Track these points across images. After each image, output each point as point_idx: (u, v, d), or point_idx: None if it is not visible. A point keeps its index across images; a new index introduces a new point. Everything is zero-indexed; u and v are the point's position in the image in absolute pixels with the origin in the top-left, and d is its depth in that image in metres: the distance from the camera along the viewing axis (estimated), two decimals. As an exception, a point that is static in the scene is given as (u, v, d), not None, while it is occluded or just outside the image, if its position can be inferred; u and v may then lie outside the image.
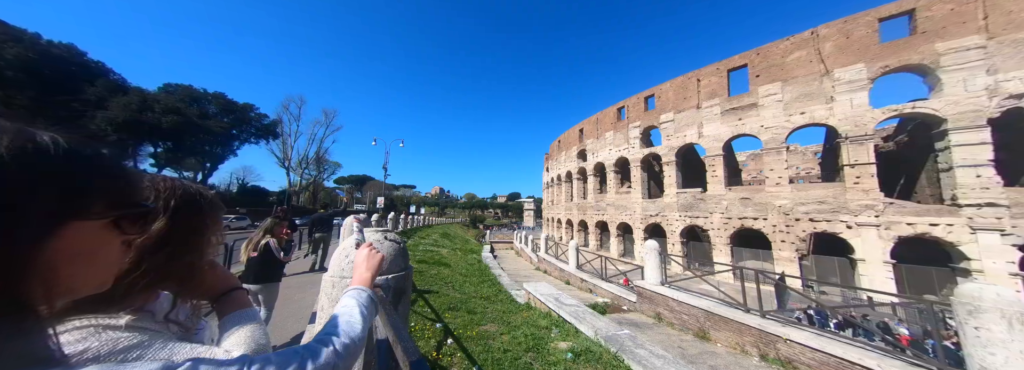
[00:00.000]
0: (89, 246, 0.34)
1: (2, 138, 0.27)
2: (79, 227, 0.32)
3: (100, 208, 0.33)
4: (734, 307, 5.86)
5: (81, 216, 0.32)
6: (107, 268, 0.38)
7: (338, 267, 1.44)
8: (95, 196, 0.33)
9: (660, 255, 7.52)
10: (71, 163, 0.30)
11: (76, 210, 0.31)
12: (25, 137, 0.28)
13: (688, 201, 17.79)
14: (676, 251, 17.87)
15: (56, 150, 0.29)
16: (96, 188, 0.33)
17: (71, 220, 0.31)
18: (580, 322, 5.02)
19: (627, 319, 6.91)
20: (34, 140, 0.29)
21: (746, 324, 5.27)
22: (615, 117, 24.55)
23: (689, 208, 17.67)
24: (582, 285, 11.01)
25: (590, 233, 26.20)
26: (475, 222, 64.59)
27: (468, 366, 3.04)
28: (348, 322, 0.67)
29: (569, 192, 31.91)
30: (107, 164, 0.34)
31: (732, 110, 16.01)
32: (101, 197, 0.33)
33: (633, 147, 22.09)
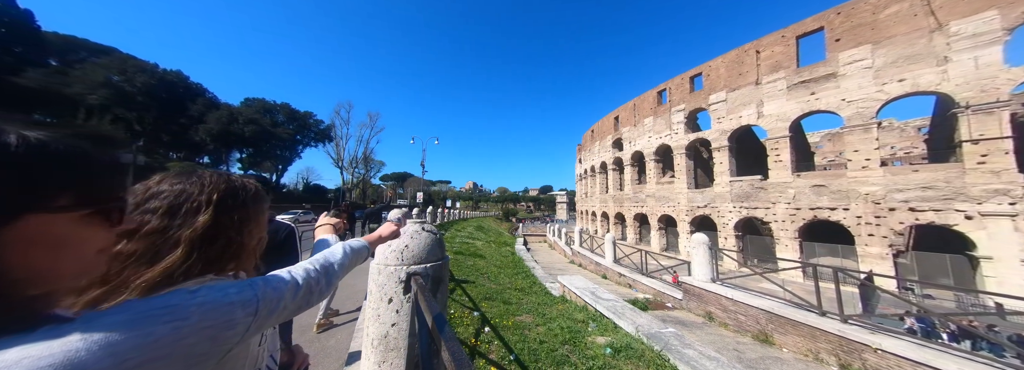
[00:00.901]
0: (57, 237, 0.35)
1: None
2: (41, 219, 0.33)
3: (65, 202, 0.35)
4: (805, 309, 5.27)
5: (40, 209, 0.33)
6: (85, 259, 0.39)
7: (382, 255, 1.51)
8: (56, 191, 0.34)
9: (710, 250, 6.98)
10: (30, 159, 0.31)
11: (33, 203, 0.32)
12: None
13: (744, 190, 15.76)
14: (729, 246, 15.97)
15: (16, 148, 0.31)
16: (58, 183, 0.34)
17: (28, 213, 0.32)
18: (619, 317, 4.88)
19: (672, 317, 6.55)
20: None
21: (821, 329, 4.74)
22: (655, 101, 22.55)
23: (746, 198, 15.64)
24: (620, 280, 10.51)
25: (628, 226, 24.57)
26: (508, 215, 64.66)
27: (505, 354, 3.08)
28: (333, 252, 0.80)
29: (604, 184, 30.25)
30: (80, 162, 0.35)
31: (802, 83, 13.73)
32: (66, 192, 0.34)
33: (676, 133, 20.11)
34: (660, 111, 21.94)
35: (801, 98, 13.77)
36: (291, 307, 0.59)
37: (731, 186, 16.40)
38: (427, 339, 0.93)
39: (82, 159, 0.36)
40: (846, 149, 12.46)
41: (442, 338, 0.73)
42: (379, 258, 1.55)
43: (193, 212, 0.64)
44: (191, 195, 0.66)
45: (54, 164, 0.33)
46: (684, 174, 19.44)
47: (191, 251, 0.61)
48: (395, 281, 1.50)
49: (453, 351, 0.65)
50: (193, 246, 0.61)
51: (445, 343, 0.70)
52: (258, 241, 0.75)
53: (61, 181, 0.34)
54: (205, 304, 0.43)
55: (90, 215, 0.38)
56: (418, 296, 1.22)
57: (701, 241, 7.02)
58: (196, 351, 0.40)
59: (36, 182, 0.32)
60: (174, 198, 0.64)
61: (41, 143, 0.33)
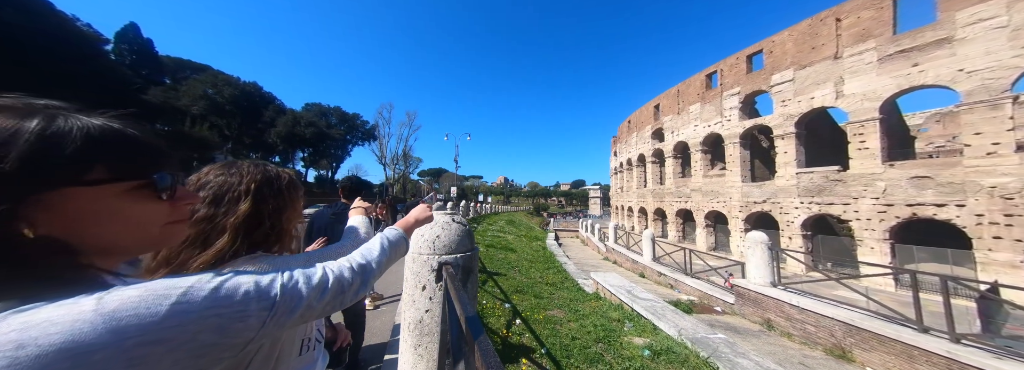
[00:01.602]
0: (106, 209, 0.39)
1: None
2: (83, 192, 0.37)
3: (99, 175, 0.38)
4: (900, 323, 4.62)
5: (77, 183, 0.37)
6: (139, 230, 0.42)
7: (415, 244, 1.56)
8: (88, 166, 0.37)
9: (769, 250, 6.33)
10: (63, 139, 0.36)
11: (70, 177, 0.36)
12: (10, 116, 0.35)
13: (816, 183, 13.61)
14: (794, 246, 13.96)
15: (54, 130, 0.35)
16: (89, 159, 0.37)
17: (67, 186, 0.36)
18: (659, 319, 4.69)
19: (721, 322, 6.08)
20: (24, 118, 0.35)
21: (922, 348, 4.11)
22: (703, 86, 20.37)
23: (818, 192, 13.51)
24: (660, 279, 10.02)
25: (669, 222, 22.73)
26: (538, 210, 64.31)
27: (536, 347, 3.06)
28: (370, 249, 0.76)
29: (642, 177, 28.33)
30: (115, 140, 0.39)
31: (901, 53, 11.37)
32: (97, 166, 0.38)
33: (729, 120, 17.99)
34: (709, 96, 19.79)
35: (898, 71, 11.43)
36: (318, 307, 0.53)
37: (798, 179, 14.27)
38: (457, 326, 0.96)
39: (112, 137, 0.39)
40: (963, 131, 10.12)
41: (470, 327, 0.74)
42: (413, 247, 1.58)
43: (235, 200, 0.72)
44: (232, 185, 0.74)
45: (85, 142, 0.37)
46: (738, 166, 17.37)
47: (236, 236, 0.70)
48: (428, 269, 1.53)
49: (480, 341, 0.66)
50: (237, 232, 0.70)
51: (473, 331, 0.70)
52: (296, 225, 0.86)
53: (92, 157, 0.37)
54: (219, 289, 0.40)
55: (135, 189, 0.41)
56: (448, 285, 1.29)
57: (758, 240, 6.32)
58: (202, 340, 0.37)
59: (68, 158, 0.35)
60: (218, 188, 0.72)
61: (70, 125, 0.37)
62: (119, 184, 0.40)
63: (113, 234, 0.40)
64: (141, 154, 0.42)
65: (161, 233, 0.45)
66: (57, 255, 0.37)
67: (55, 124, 0.36)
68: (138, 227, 0.42)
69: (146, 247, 0.47)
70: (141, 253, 0.50)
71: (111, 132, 0.39)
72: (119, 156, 0.40)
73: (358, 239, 1.15)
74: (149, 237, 0.44)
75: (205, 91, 36.40)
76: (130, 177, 0.41)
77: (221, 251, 0.67)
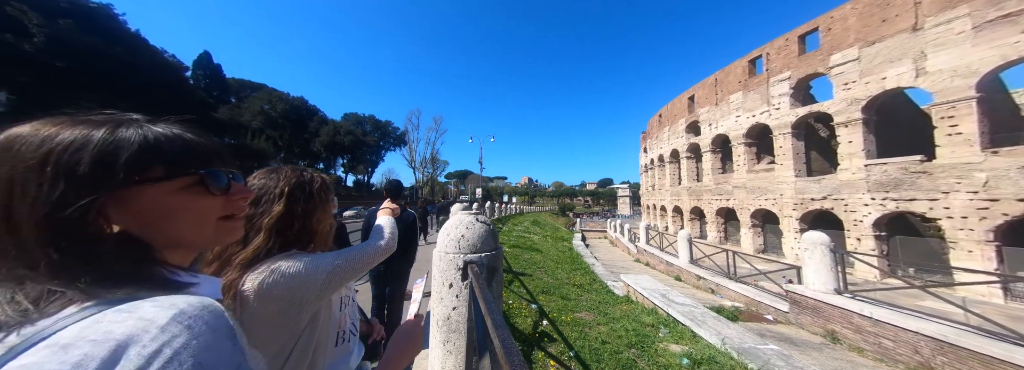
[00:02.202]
0: (168, 205, 0.43)
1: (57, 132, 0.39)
2: (148, 190, 0.41)
3: (158, 174, 0.42)
4: (1013, 342, 3.90)
5: (142, 181, 0.41)
6: (199, 224, 0.46)
7: (442, 243, 1.63)
8: (148, 165, 0.41)
9: (833, 253, 5.71)
10: (125, 143, 0.40)
11: (134, 177, 0.40)
12: (88, 127, 0.40)
13: (891, 176, 11.80)
14: (865, 248, 12.20)
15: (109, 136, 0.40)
16: (148, 160, 0.41)
17: (133, 184, 0.40)
18: (698, 325, 4.43)
19: (773, 331, 5.61)
20: (96, 128, 0.40)
21: None
22: (745, 72, 18.62)
23: (894, 186, 11.70)
24: (699, 284, 9.38)
25: (709, 222, 21.05)
26: (564, 210, 63.35)
27: (564, 349, 2.99)
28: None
29: (675, 174, 26.64)
30: (170, 142, 0.44)
31: (1005, 18, 9.51)
32: (156, 166, 0.42)
33: (777, 108, 16.24)
34: (753, 84, 18.04)
35: (1001, 40, 9.55)
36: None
37: (867, 171, 12.47)
38: (482, 324, 0.96)
39: (167, 140, 0.44)
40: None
41: (494, 326, 0.75)
42: (440, 245, 1.65)
43: (270, 202, 0.83)
44: (269, 188, 0.84)
45: (142, 145, 0.41)
46: (789, 159, 15.60)
47: (270, 235, 0.79)
48: (454, 268, 1.57)
49: (503, 338, 0.68)
50: (271, 231, 0.80)
51: (496, 330, 0.72)
52: (328, 226, 0.95)
53: (150, 157, 0.41)
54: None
55: (190, 186, 0.45)
56: (473, 283, 1.30)
57: (818, 241, 5.75)
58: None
59: (130, 159, 0.40)
60: (258, 191, 0.83)
61: (132, 132, 0.41)
62: (175, 181, 0.44)
63: (176, 229, 0.45)
64: (193, 154, 0.46)
65: (217, 227, 0.49)
66: (134, 250, 0.41)
67: (119, 131, 0.41)
68: (197, 221, 0.46)
69: (207, 240, 0.50)
70: (204, 246, 0.53)
71: (167, 136, 0.44)
72: (174, 156, 0.44)
73: (382, 236, 1.21)
74: (208, 231, 0.48)
75: (262, 107, 41.00)
76: (183, 174, 0.44)
77: (257, 249, 0.77)
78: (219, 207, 0.48)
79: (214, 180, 0.46)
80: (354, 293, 1.07)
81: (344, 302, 0.93)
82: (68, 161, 0.37)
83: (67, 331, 0.29)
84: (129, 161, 0.40)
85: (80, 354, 0.26)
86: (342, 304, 0.91)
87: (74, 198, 0.37)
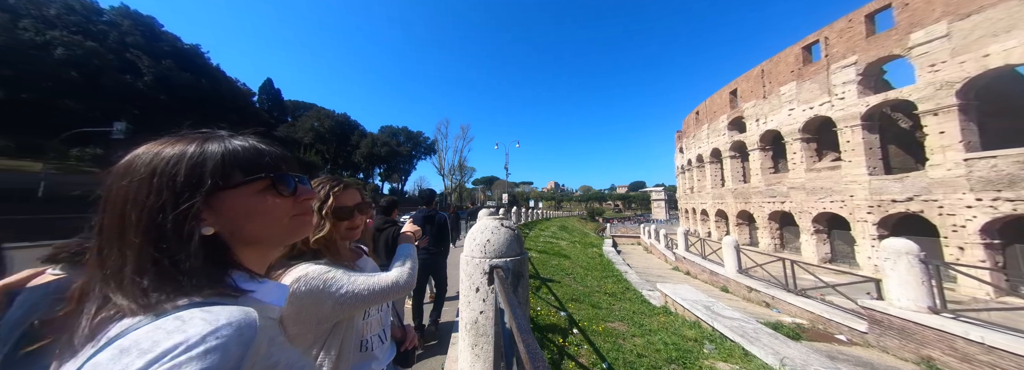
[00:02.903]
0: (250, 206, 0.50)
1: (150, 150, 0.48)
2: (232, 194, 0.48)
3: (238, 179, 0.49)
4: None
5: (227, 186, 0.48)
6: (275, 222, 0.52)
7: (469, 248, 1.66)
8: (230, 173, 0.48)
9: (925, 265, 4.90)
10: (211, 155, 0.48)
11: (220, 183, 0.47)
12: (185, 143, 0.49)
13: (1004, 171, 9.77)
14: (971, 259, 10.13)
15: (199, 149, 0.48)
16: (230, 168, 0.49)
17: (222, 190, 0.48)
18: (751, 342, 4.01)
19: (847, 354, 4.98)
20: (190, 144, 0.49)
21: None
22: (799, 61, 16.76)
23: (1009, 184, 9.67)
24: (751, 296, 8.61)
25: (760, 228, 19.00)
26: (593, 215, 61.53)
27: (596, 361, 2.88)
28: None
29: (717, 175, 24.62)
30: (246, 152, 0.51)
31: None
32: (237, 172, 0.49)
33: (842, 98, 14.33)
34: (808, 73, 16.16)
35: None
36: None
37: (969, 167, 10.45)
38: (507, 329, 0.99)
39: (243, 150, 0.51)
40: None
41: (519, 330, 0.75)
42: (467, 250, 1.66)
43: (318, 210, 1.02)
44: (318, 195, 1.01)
45: (224, 155, 0.49)
46: (861, 155, 13.62)
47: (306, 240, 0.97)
48: (480, 272, 1.57)
49: (528, 343, 0.67)
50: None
51: (521, 335, 0.72)
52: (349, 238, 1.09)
53: (231, 166, 0.49)
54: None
55: (264, 189, 0.51)
56: (499, 288, 1.33)
57: (903, 250, 5.00)
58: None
59: (215, 168, 0.47)
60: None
61: (216, 145, 0.49)
62: (252, 185, 0.50)
63: (257, 227, 0.51)
64: (264, 161, 0.52)
65: (291, 224, 0.54)
66: (217, 252, 0.47)
67: (206, 145, 0.49)
68: (273, 219, 0.52)
69: (284, 236, 0.55)
70: (282, 242, 0.57)
71: (243, 146, 0.51)
72: (249, 164, 0.50)
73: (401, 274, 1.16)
74: (282, 228, 0.54)
75: (313, 124, 45.20)
76: (258, 178, 0.51)
77: (291, 249, 0.92)
78: (290, 207, 0.54)
79: (283, 183, 0.53)
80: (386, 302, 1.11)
81: (368, 311, 1.03)
82: (170, 173, 0.45)
83: (132, 335, 0.36)
84: (214, 169, 0.47)
85: (127, 362, 0.33)
86: (366, 313, 1.02)
87: (176, 204, 0.44)
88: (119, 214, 0.43)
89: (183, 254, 0.43)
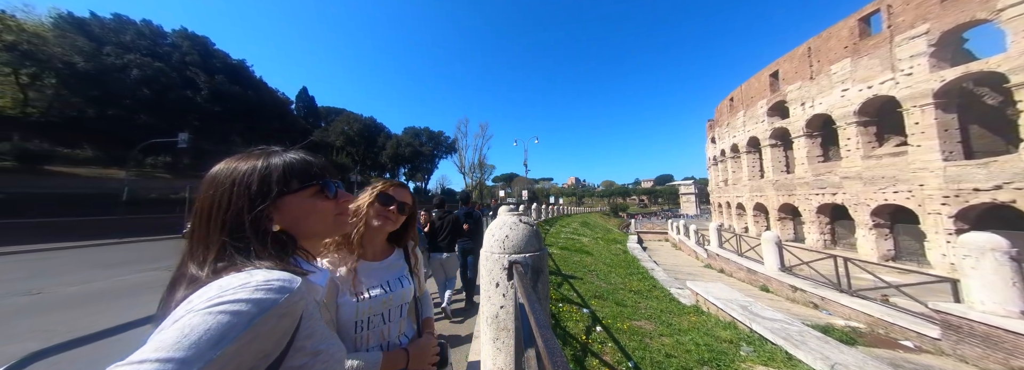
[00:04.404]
0: (305, 208, 0.63)
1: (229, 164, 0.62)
2: (292, 198, 0.62)
3: (296, 185, 0.62)
4: None
5: (289, 192, 0.61)
6: (324, 220, 0.66)
7: (488, 244, 1.67)
8: (289, 181, 0.61)
9: (1016, 263, 4.18)
10: (276, 167, 0.61)
11: (283, 189, 0.61)
12: (254, 158, 0.62)
13: None
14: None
15: (266, 163, 0.61)
16: (289, 177, 0.62)
17: (285, 196, 0.61)
18: (796, 346, 3.74)
19: (915, 363, 4.42)
20: (257, 159, 0.62)
21: None
22: (854, 34, 14.92)
23: None
24: (796, 296, 8.02)
25: (806, 222, 17.36)
26: (616, 211, 60.04)
27: (621, 359, 2.81)
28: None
29: (754, 166, 22.85)
30: (300, 164, 0.64)
31: None
32: (294, 181, 0.62)
33: (908, 74, 12.59)
34: (866, 47, 14.35)
35: None
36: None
37: (1082, 147, 8.73)
38: (528, 324, 0.98)
39: (297, 162, 0.64)
40: None
41: (537, 325, 0.76)
42: (486, 246, 1.68)
43: None
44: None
45: (284, 167, 0.61)
46: (934, 138, 11.91)
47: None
48: (500, 267, 1.58)
49: (546, 338, 0.68)
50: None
51: (540, 330, 0.74)
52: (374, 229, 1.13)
53: (290, 175, 0.62)
54: None
55: (315, 193, 0.64)
56: (518, 284, 1.33)
57: (989, 246, 4.40)
58: None
59: (279, 178, 0.60)
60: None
61: (277, 159, 0.63)
62: (306, 190, 0.63)
63: (311, 224, 0.64)
64: (313, 170, 0.65)
65: (335, 221, 0.68)
66: (285, 242, 0.60)
67: (270, 159, 0.61)
68: (322, 218, 0.65)
69: (330, 231, 0.69)
70: (327, 235, 0.72)
71: (297, 159, 0.64)
72: (302, 173, 0.63)
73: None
74: (329, 224, 0.67)
75: (343, 128, 47.85)
76: (310, 185, 0.64)
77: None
78: (333, 207, 0.67)
79: (328, 188, 0.66)
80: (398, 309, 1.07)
81: (361, 325, 0.97)
82: (246, 182, 0.58)
83: (214, 282, 0.49)
84: (279, 179, 0.60)
85: (208, 294, 0.46)
86: (358, 327, 0.96)
87: (251, 208, 0.57)
88: (207, 217, 0.57)
89: (258, 246, 0.56)
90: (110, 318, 4.16)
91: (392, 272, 1.11)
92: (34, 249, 10.76)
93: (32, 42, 20.30)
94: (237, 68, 33.91)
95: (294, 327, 0.50)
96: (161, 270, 7.32)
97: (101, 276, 6.70)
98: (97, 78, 22.46)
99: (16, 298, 5.15)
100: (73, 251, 10.83)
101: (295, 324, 0.50)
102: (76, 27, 23.66)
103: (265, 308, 0.45)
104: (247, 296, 0.44)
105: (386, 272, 1.09)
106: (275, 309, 0.46)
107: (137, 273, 7.03)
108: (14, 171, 17.11)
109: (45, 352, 0.96)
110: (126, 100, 24.14)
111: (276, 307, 0.46)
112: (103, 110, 23.51)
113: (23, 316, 4.34)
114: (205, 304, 0.43)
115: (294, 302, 0.49)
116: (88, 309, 4.59)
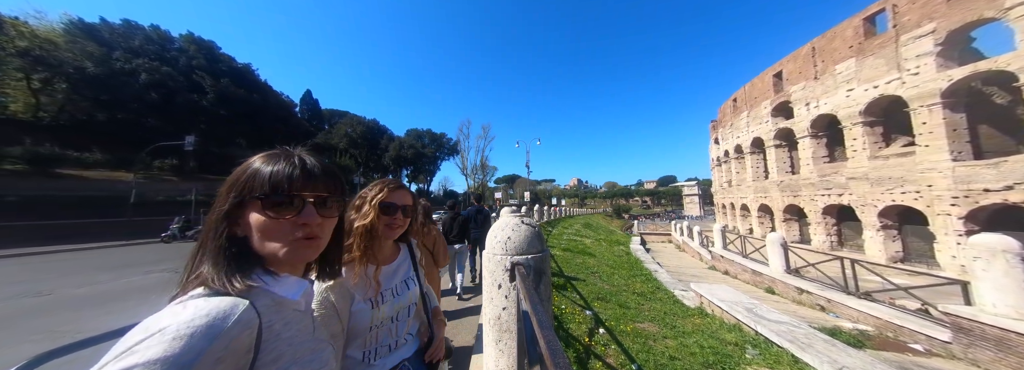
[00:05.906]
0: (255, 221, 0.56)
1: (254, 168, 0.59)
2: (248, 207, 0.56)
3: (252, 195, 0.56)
4: None
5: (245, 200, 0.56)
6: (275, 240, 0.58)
7: (490, 245, 1.66)
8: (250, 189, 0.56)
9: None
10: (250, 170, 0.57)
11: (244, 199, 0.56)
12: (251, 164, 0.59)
13: None
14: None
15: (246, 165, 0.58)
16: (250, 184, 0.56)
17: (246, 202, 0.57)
18: (802, 349, 3.70)
19: (924, 366, 4.39)
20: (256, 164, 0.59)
21: None
22: (859, 34, 14.80)
23: None
24: (802, 298, 8.00)
25: (812, 223, 17.17)
26: (619, 212, 59.75)
27: (624, 362, 2.78)
28: None
29: (758, 166, 22.66)
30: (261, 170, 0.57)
31: None
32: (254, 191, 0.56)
33: (915, 73, 12.46)
34: (871, 47, 14.22)
35: None
36: None
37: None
38: (530, 325, 0.95)
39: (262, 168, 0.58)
40: None
41: (539, 327, 0.76)
42: (488, 247, 1.67)
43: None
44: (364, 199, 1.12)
45: (250, 173, 0.57)
46: (942, 137, 11.75)
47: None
48: (502, 269, 1.57)
49: (548, 339, 0.67)
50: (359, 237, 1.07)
51: (542, 332, 0.73)
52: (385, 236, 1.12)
53: (253, 182, 0.56)
54: None
55: (266, 208, 0.57)
56: (520, 285, 1.28)
57: (999, 247, 4.33)
58: None
59: (243, 183, 0.57)
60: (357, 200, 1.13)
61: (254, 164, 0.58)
62: (255, 203, 0.56)
63: (261, 241, 0.56)
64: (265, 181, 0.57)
65: (292, 245, 0.58)
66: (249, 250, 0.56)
67: (252, 163, 0.59)
68: (272, 238, 0.56)
69: (282, 256, 0.57)
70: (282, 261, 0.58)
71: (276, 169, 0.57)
72: (258, 182, 0.56)
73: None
74: (282, 247, 0.57)
75: (346, 131, 47.93)
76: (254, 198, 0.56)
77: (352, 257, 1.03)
78: (289, 229, 0.56)
79: (270, 205, 0.56)
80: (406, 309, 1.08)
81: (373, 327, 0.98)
82: (228, 183, 0.57)
83: (160, 312, 0.45)
84: (243, 185, 0.55)
85: (136, 335, 0.41)
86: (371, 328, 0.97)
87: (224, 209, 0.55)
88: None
89: (214, 253, 0.53)
90: (118, 319, 4.22)
91: (400, 274, 1.12)
92: (44, 251, 10.93)
93: (44, 48, 20.65)
94: (242, 71, 34.28)
95: (251, 357, 0.46)
96: (168, 272, 7.40)
97: (109, 278, 6.78)
98: (106, 82, 22.88)
99: (26, 299, 5.23)
100: (81, 253, 10.99)
101: (250, 354, 0.46)
102: (87, 32, 24.06)
103: (186, 364, 0.39)
104: (160, 354, 0.38)
105: (395, 276, 1.10)
106: (205, 357, 0.41)
107: (144, 275, 7.12)
108: (26, 174, 17.39)
109: (54, 353, 0.97)
110: (134, 104, 24.57)
111: (205, 355, 0.41)
112: (112, 114, 23.99)
113: (32, 317, 4.42)
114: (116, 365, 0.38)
115: (232, 337, 0.44)
116: (96, 310, 4.66)
